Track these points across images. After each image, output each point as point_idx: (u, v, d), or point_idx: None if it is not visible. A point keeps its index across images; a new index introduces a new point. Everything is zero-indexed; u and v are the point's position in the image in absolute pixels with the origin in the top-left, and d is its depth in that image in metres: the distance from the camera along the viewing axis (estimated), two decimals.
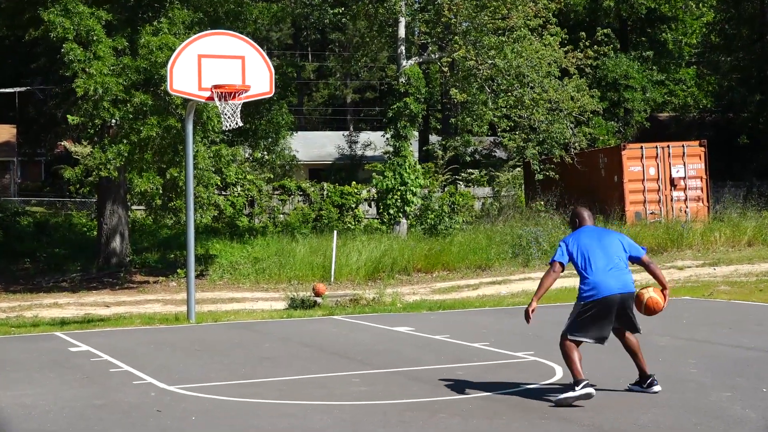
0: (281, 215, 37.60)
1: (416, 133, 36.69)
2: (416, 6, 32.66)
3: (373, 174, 31.78)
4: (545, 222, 28.46)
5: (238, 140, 28.46)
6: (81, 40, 21.54)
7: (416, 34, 34.58)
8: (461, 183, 42.88)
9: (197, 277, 22.48)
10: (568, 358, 9.22)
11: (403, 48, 31.05)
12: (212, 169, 23.84)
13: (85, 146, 27.75)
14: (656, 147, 30.62)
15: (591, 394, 8.97)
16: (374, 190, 34.07)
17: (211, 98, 16.53)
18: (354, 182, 39.96)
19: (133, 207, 31.74)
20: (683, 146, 30.76)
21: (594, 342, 9.41)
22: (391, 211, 30.17)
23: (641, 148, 30.69)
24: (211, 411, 9.19)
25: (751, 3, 48.06)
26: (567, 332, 9.33)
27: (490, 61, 29.55)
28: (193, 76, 16.34)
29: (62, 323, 17.18)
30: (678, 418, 8.51)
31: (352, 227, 34.94)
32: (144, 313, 18.92)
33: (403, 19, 30.83)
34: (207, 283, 24.53)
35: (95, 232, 28.93)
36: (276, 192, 38.41)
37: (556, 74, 30.18)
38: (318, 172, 49.48)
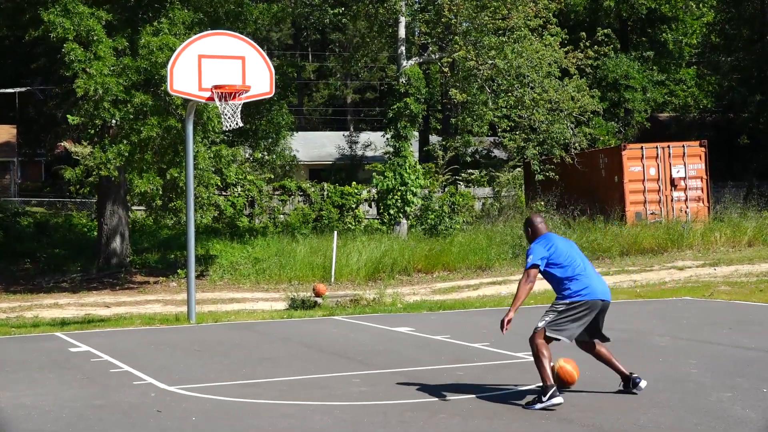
0: (281, 215, 37.61)
1: (416, 134, 36.71)
2: (416, 6, 32.66)
3: (374, 174, 31.79)
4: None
5: (239, 140, 28.47)
6: (81, 41, 21.55)
7: (416, 34, 34.59)
8: (461, 183, 42.88)
9: (197, 277, 22.48)
10: (539, 358, 9.06)
11: (403, 48, 31.06)
12: (212, 169, 23.85)
13: (85, 146, 27.71)
14: (656, 147, 30.61)
15: (559, 403, 8.91)
16: (374, 191, 34.09)
17: (211, 98, 16.53)
18: (354, 182, 39.97)
19: (134, 207, 31.74)
20: (683, 146, 30.75)
21: (567, 340, 9.30)
22: (392, 212, 30.17)
23: (641, 148, 30.68)
24: (212, 411, 9.20)
25: (752, 3, 48.07)
26: (546, 328, 9.16)
27: (490, 62, 29.56)
28: (194, 77, 16.34)
29: (62, 323, 17.18)
30: (678, 419, 8.51)
31: (353, 227, 34.94)
32: (144, 313, 18.92)
33: (403, 19, 30.85)
34: (207, 283, 24.53)
35: (95, 233, 28.94)
36: (276, 192, 38.42)
37: (556, 74, 30.18)
38: (318, 173, 49.49)
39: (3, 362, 12.50)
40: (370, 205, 38.46)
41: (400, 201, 30.11)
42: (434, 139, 51.67)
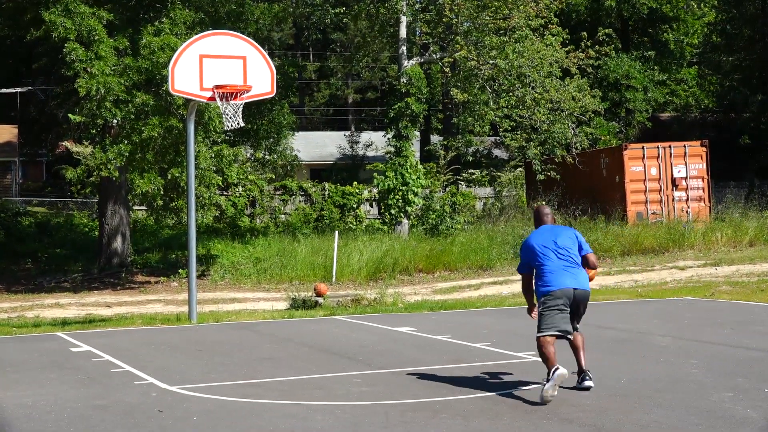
0: (283, 215, 37.61)
1: (417, 133, 36.70)
2: (417, 6, 32.65)
3: (375, 174, 31.78)
4: None
5: (240, 140, 28.47)
6: (82, 40, 21.55)
7: (417, 34, 34.58)
8: (462, 183, 42.85)
9: (199, 277, 22.49)
10: (542, 356, 9.46)
11: (404, 48, 31.05)
12: (214, 169, 23.85)
13: (86, 146, 27.73)
14: (658, 147, 30.59)
15: (563, 373, 9.15)
16: (376, 191, 34.08)
17: (212, 98, 16.53)
18: (355, 182, 39.96)
19: (135, 207, 31.74)
20: (685, 146, 30.72)
21: (558, 333, 9.57)
22: (393, 212, 30.17)
23: (643, 148, 30.66)
24: (213, 411, 9.19)
25: (753, 3, 48.07)
26: (540, 331, 9.58)
27: (491, 61, 29.55)
28: (195, 77, 16.34)
29: (63, 323, 17.18)
30: (680, 419, 8.50)
31: (354, 227, 34.94)
32: (145, 313, 18.92)
33: (404, 19, 30.84)
34: (208, 283, 24.53)
35: (97, 233, 28.95)
36: (277, 192, 38.41)
37: (557, 74, 30.16)
38: (319, 173, 49.48)
39: (4, 362, 12.50)
40: (371, 205, 38.45)
41: (401, 201, 30.11)
42: (435, 138, 51.66)
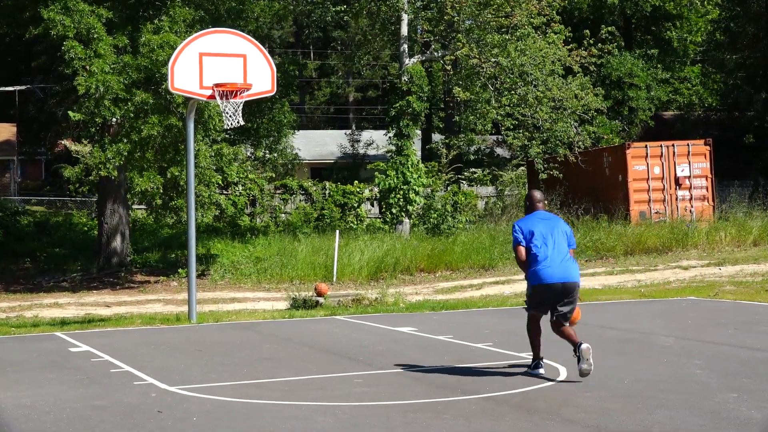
0: (283, 214, 37.60)
1: (419, 132, 36.69)
2: (419, 4, 32.64)
3: (376, 173, 31.77)
4: None
5: (240, 139, 28.48)
6: (81, 38, 21.54)
7: (419, 32, 34.58)
8: (464, 182, 42.82)
9: (198, 276, 22.49)
10: (529, 336, 10.67)
11: (405, 46, 31.04)
12: (213, 168, 23.86)
13: (85, 145, 27.73)
14: (661, 146, 30.58)
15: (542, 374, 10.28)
16: (377, 189, 34.07)
17: (212, 97, 16.53)
18: (356, 181, 39.94)
19: (134, 206, 31.74)
20: (688, 145, 30.70)
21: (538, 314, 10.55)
22: (394, 211, 30.16)
23: (646, 147, 30.65)
24: (213, 412, 9.19)
25: (757, 0, 48.02)
26: (528, 311, 10.71)
27: (493, 60, 29.54)
28: (195, 75, 16.34)
29: (62, 323, 17.18)
30: (684, 420, 8.49)
31: (355, 227, 34.93)
32: (145, 313, 18.92)
33: (405, 17, 30.82)
34: (208, 283, 24.53)
35: (96, 232, 28.94)
36: (278, 191, 38.39)
37: (559, 72, 30.16)
38: (320, 171, 49.47)
39: (3, 362, 12.49)
40: (372, 204, 38.44)
41: (402, 200, 30.10)
42: (437, 137, 51.65)
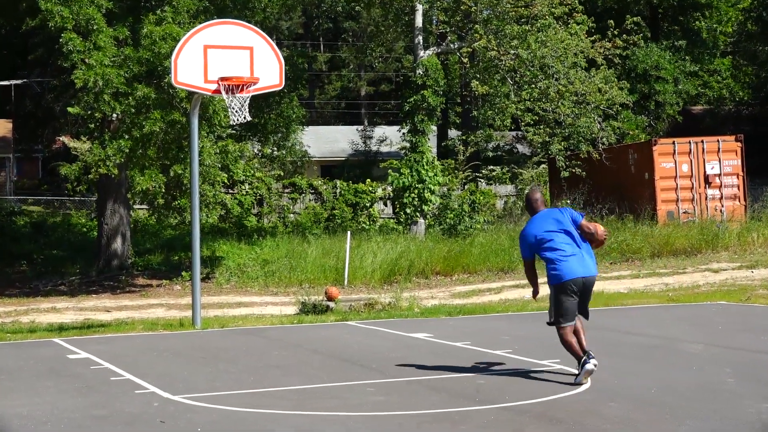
0: (292, 215, 37.65)
1: (434, 128, 36.69)
2: None
3: (389, 171, 31.79)
4: None
5: (246, 135, 28.51)
6: (80, 30, 21.57)
7: (434, 22, 34.59)
8: (482, 180, 42.83)
9: (203, 280, 22.52)
10: (567, 347, 10.54)
11: (420, 37, 31.03)
12: (218, 165, 23.85)
13: (84, 142, 27.77)
14: (689, 142, 30.52)
15: (592, 368, 10.26)
16: (390, 188, 34.07)
17: (217, 91, 16.57)
18: (368, 180, 39.97)
19: (135, 206, 31.81)
20: (718, 141, 30.64)
21: (572, 323, 10.60)
22: (408, 211, 30.16)
23: (673, 143, 30.59)
24: (218, 422, 9.19)
25: None
26: (558, 321, 10.65)
27: (512, 52, 29.51)
28: (199, 68, 16.37)
29: (60, 329, 17.23)
30: (714, 430, 8.46)
31: (367, 227, 34.96)
32: (147, 318, 18.96)
33: (420, 7, 30.82)
34: (213, 286, 24.57)
35: (95, 233, 29.02)
36: (286, 190, 38.45)
37: (582, 65, 30.11)
38: (330, 169, 49.53)
39: None
40: (385, 204, 38.47)
41: (417, 199, 30.10)
42: (453, 133, 51.66)
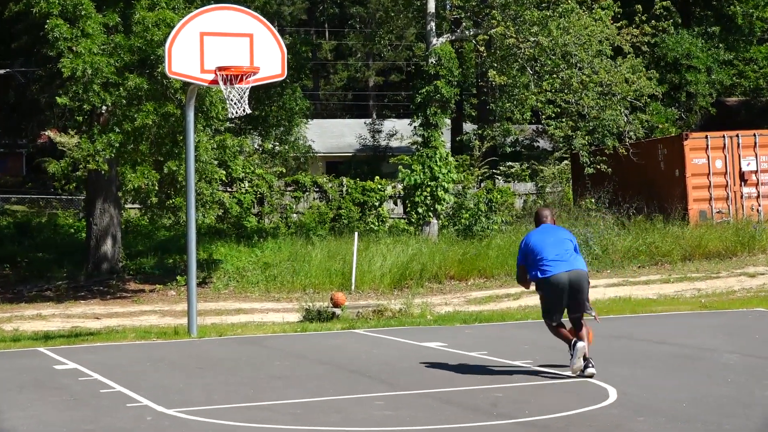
0: (294, 215, 37.67)
1: (448, 121, 36.66)
2: None
3: (400, 168, 31.77)
4: (596, 222, 28.35)
5: (246, 129, 28.55)
6: (67, 16, 21.59)
7: (448, 7, 34.54)
8: (500, 178, 42.83)
9: (199, 285, 22.53)
10: (557, 335, 11.80)
11: (432, 24, 31.02)
12: (216, 162, 23.90)
13: (71, 136, 27.84)
14: (723, 136, 30.46)
15: (582, 347, 11.36)
16: (400, 186, 34.09)
17: (215, 82, 16.57)
18: (377, 177, 39.97)
19: (127, 205, 31.86)
20: (755, 135, 30.58)
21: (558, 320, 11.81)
22: (420, 210, 30.16)
23: (706, 137, 30.53)
24: None
25: None
26: (545, 319, 11.91)
27: (532, 39, 29.48)
28: (195, 57, 16.38)
29: (46, 338, 17.25)
30: None
31: (376, 228, 34.96)
32: (139, 326, 18.98)
33: None
34: (210, 292, 24.60)
35: (83, 234, 29.07)
36: (288, 188, 38.47)
37: (608, 53, 30.05)
38: (336, 166, 49.56)
39: None
40: (395, 203, 38.47)
41: (429, 198, 30.09)
42: (469, 127, 51.66)
